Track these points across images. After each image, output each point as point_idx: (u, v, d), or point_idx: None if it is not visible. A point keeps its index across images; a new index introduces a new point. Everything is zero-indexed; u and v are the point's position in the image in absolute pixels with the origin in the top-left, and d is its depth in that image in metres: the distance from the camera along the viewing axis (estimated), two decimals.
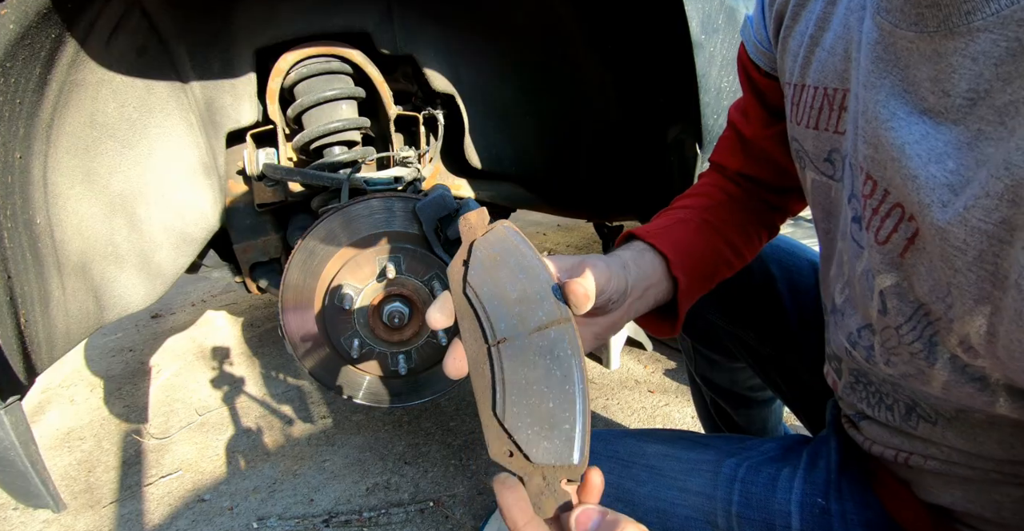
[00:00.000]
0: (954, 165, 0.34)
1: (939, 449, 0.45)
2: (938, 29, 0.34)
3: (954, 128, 0.34)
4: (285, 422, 1.57)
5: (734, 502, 0.58)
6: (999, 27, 0.31)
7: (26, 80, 0.76)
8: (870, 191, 0.41)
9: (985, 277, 0.32)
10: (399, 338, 0.98)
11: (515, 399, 0.37)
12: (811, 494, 0.56)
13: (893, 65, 0.38)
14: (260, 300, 2.44)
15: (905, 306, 0.39)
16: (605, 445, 0.66)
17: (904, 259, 0.38)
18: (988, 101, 0.32)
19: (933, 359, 0.38)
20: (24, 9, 0.69)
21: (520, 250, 0.39)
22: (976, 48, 0.32)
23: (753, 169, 0.69)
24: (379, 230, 0.93)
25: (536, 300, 0.38)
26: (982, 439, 0.41)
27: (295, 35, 1.08)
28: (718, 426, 1.04)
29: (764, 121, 0.65)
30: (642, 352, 1.78)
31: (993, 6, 0.31)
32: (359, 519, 1.19)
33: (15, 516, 1.29)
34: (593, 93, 1.24)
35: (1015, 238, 0.29)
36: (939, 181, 0.34)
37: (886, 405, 0.49)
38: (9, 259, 0.76)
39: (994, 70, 0.31)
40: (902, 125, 0.37)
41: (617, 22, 1.13)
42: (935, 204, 0.34)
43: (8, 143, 0.76)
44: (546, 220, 3.28)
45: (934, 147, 0.35)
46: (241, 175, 1.18)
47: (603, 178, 1.33)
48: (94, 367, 2.00)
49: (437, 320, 0.41)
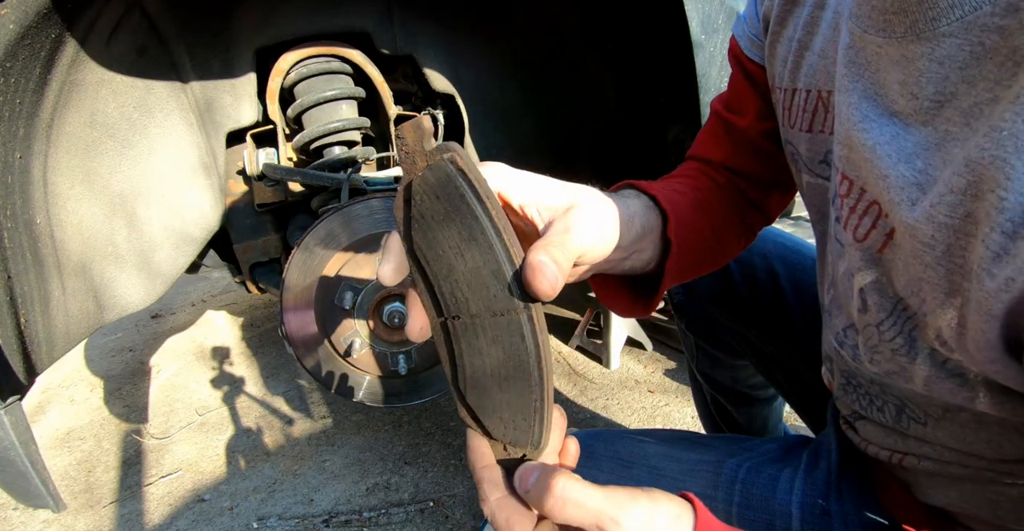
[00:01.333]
0: (922, 164, 0.35)
1: (932, 448, 0.45)
2: (905, 34, 0.35)
3: (923, 129, 0.35)
4: (285, 422, 1.57)
5: (735, 503, 0.58)
6: (963, 32, 0.32)
7: (26, 80, 0.76)
8: (847, 190, 0.42)
9: (954, 270, 0.33)
10: (399, 338, 0.98)
11: (474, 381, 0.34)
12: (812, 495, 0.56)
13: (864, 68, 0.39)
14: (260, 300, 2.44)
15: (885, 302, 0.40)
16: (606, 445, 0.66)
17: (883, 255, 0.39)
18: (954, 103, 0.33)
19: (913, 354, 0.39)
20: (24, 9, 0.69)
21: (468, 203, 0.30)
22: (942, 52, 0.33)
23: (740, 161, 0.64)
24: (379, 230, 0.93)
25: (489, 279, 0.31)
26: (971, 439, 0.42)
27: (295, 35, 1.08)
28: (718, 424, 1.04)
29: (761, 113, 0.63)
30: (642, 352, 1.78)
31: (957, 12, 0.32)
32: (359, 519, 1.19)
33: (15, 516, 1.29)
34: (593, 93, 1.24)
35: (979, 231, 0.31)
36: (908, 180, 0.35)
37: (876, 406, 0.49)
38: (9, 259, 0.76)
39: (959, 73, 0.33)
40: (873, 126, 0.38)
41: (617, 22, 1.13)
42: (905, 202, 0.36)
43: (8, 143, 0.76)
44: None
45: (904, 147, 0.36)
46: (241, 175, 1.18)
47: (603, 178, 1.33)
48: (94, 367, 2.00)
49: (388, 276, 0.36)
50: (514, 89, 1.21)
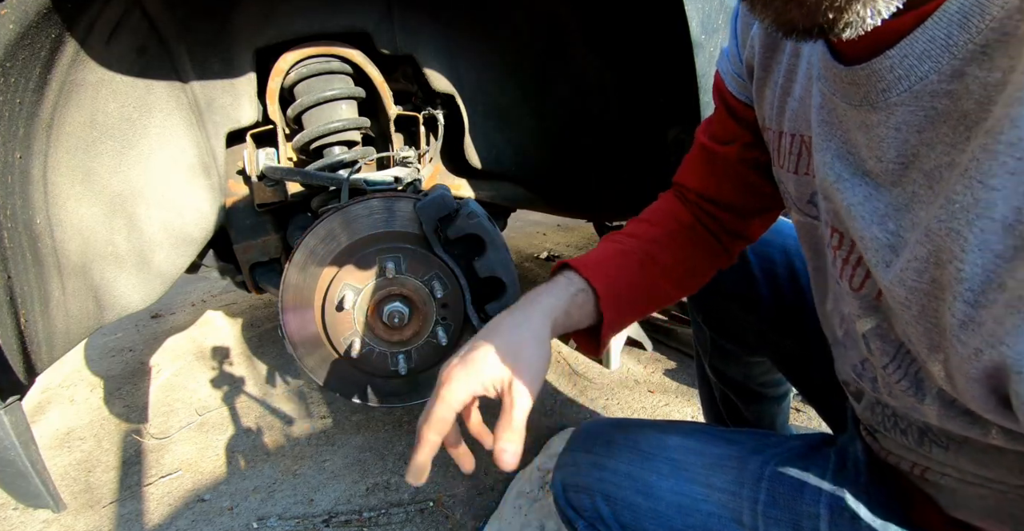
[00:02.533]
0: (894, 226, 0.36)
1: (955, 470, 0.45)
2: (861, 103, 0.37)
3: (893, 190, 0.36)
4: (285, 422, 1.57)
5: (760, 501, 0.57)
6: (914, 100, 0.33)
7: (26, 80, 0.76)
8: (838, 242, 0.44)
9: (932, 329, 0.34)
10: (399, 338, 0.98)
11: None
12: (840, 497, 0.55)
13: (836, 128, 0.41)
14: (260, 300, 2.44)
15: (888, 347, 0.41)
16: (625, 435, 0.66)
17: (880, 303, 0.41)
18: (918, 165, 0.34)
19: (921, 395, 0.39)
20: (24, 9, 0.69)
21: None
22: (897, 119, 0.34)
23: (718, 191, 0.67)
24: (379, 230, 0.93)
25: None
26: (992, 465, 0.42)
27: (295, 35, 1.08)
28: (725, 423, 1.04)
29: (745, 145, 0.63)
30: (642, 352, 1.78)
31: (905, 84, 0.33)
32: (359, 519, 1.19)
33: (15, 516, 1.29)
34: (593, 93, 1.24)
35: (945, 295, 0.31)
36: (882, 242, 0.37)
37: (900, 429, 0.49)
38: (9, 259, 0.76)
39: (918, 136, 0.33)
40: (847, 187, 0.39)
41: (617, 22, 1.13)
42: (880, 264, 0.37)
43: (8, 143, 0.76)
44: (546, 220, 3.28)
45: (876, 208, 0.37)
46: (241, 175, 1.18)
47: (603, 178, 1.33)
48: (94, 367, 2.00)
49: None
50: (514, 89, 1.21)
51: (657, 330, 1.85)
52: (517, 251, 2.80)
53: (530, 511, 1.08)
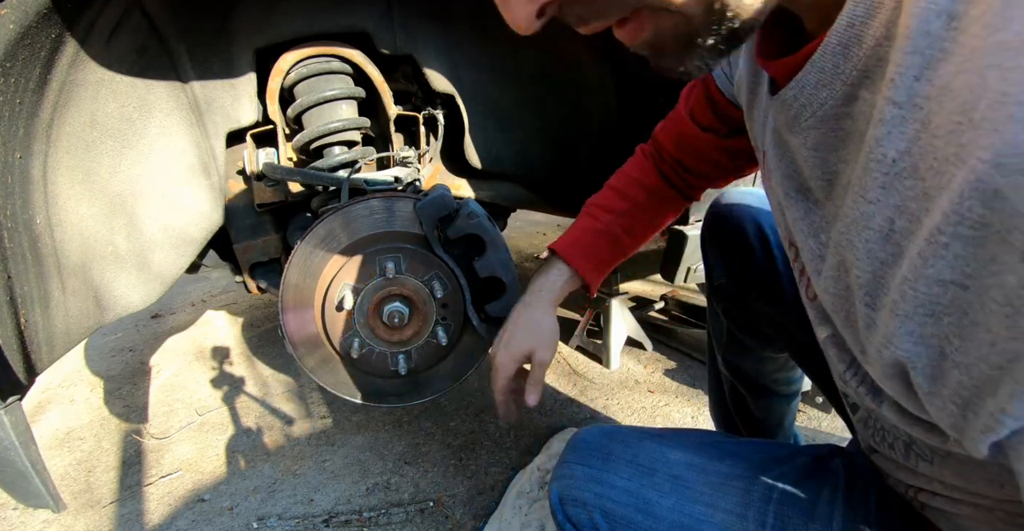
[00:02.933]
0: (824, 238, 0.40)
1: (942, 486, 0.46)
2: (789, 128, 0.41)
3: (826, 205, 0.40)
4: (285, 422, 1.57)
5: (768, 524, 0.55)
6: (822, 124, 0.37)
7: (26, 80, 0.76)
8: (794, 256, 0.47)
9: (856, 333, 0.37)
10: (399, 338, 0.98)
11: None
12: (854, 521, 0.54)
13: (784, 149, 0.45)
14: (260, 300, 2.45)
15: (843, 354, 0.43)
16: (625, 448, 0.64)
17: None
18: (839, 181, 0.37)
19: (880, 401, 0.41)
20: (24, 9, 0.69)
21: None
22: (814, 141, 0.38)
23: (694, 163, 0.79)
24: (379, 230, 0.93)
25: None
26: (974, 478, 0.42)
27: (295, 35, 1.08)
28: (731, 418, 1.04)
29: (719, 132, 0.72)
30: (642, 352, 1.78)
31: (809, 110, 0.37)
32: (359, 519, 1.19)
33: (15, 516, 1.29)
34: (593, 93, 1.24)
35: (855, 300, 0.35)
36: (815, 253, 0.41)
37: (888, 443, 0.50)
38: (9, 259, 0.76)
39: (835, 155, 0.37)
40: (792, 203, 0.44)
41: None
42: (814, 273, 0.41)
43: (8, 143, 0.76)
44: (546, 220, 3.28)
45: (813, 222, 0.41)
46: (241, 175, 1.18)
47: (603, 178, 1.33)
48: (94, 367, 2.00)
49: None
50: (514, 89, 1.21)
51: (657, 330, 1.85)
52: (517, 251, 2.80)
53: (530, 511, 1.08)
